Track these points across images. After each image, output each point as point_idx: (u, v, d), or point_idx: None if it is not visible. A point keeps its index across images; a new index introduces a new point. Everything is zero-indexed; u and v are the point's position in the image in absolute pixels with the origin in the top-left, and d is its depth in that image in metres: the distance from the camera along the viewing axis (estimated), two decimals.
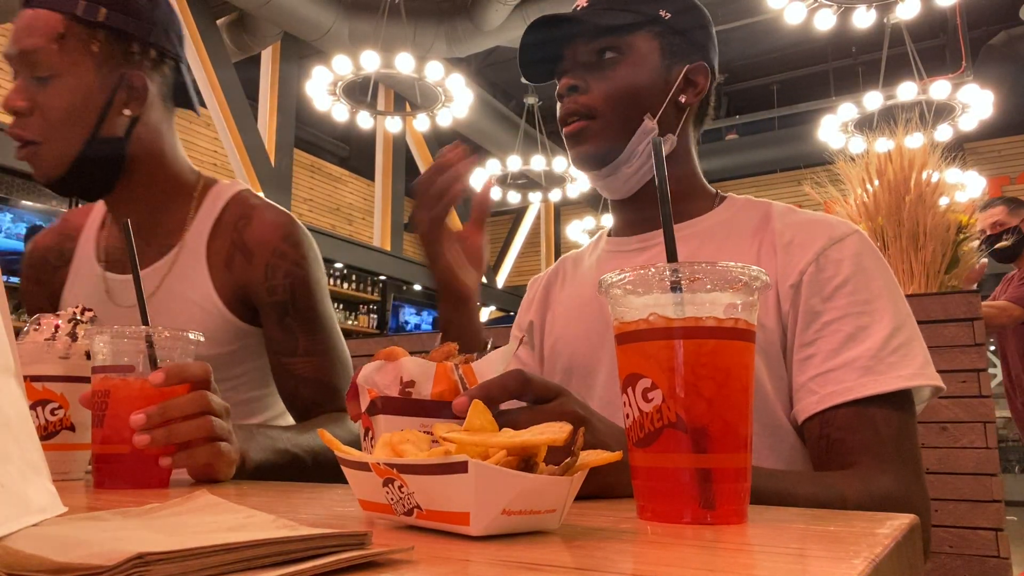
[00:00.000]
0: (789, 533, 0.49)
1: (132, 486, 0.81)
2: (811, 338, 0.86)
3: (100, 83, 1.08)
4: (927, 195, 2.42)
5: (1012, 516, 3.31)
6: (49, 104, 1.05)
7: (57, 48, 1.04)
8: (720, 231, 0.98)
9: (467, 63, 8.48)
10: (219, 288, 1.15)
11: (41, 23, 1.04)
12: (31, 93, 1.05)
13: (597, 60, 0.98)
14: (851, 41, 8.16)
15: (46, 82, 1.05)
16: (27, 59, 1.04)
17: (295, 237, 1.17)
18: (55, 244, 1.28)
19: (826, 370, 0.84)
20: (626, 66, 0.97)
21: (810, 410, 0.84)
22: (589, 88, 0.97)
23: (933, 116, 5.45)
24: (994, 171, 9.25)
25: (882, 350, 0.82)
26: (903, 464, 0.81)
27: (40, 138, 1.06)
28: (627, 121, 0.97)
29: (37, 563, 0.35)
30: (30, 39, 1.04)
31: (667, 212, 0.62)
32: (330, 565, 0.36)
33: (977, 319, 1.61)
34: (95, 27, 1.06)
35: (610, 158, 0.98)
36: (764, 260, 0.92)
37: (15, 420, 0.51)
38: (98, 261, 1.21)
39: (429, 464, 0.46)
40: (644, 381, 0.53)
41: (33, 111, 1.05)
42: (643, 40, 0.98)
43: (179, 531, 0.42)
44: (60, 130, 1.06)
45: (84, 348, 0.95)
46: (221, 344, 1.14)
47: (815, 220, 0.94)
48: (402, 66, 5.41)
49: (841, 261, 0.88)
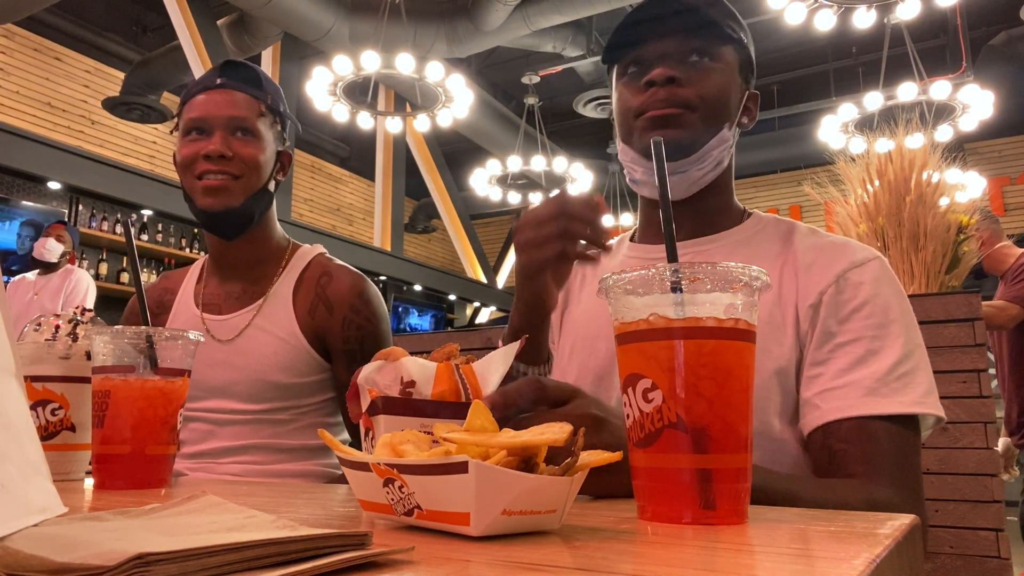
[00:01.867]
0: (789, 533, 0.49)
1: (132, 486, 0.81)
2: (823, 357, 0.87)
3: (273, 150, 1.42)
4: (927, 195, 2.42)
5: (1012, 516, 3.30)
6: (247, 154, 1.36)
7: (257, 120, 1.38)
8: (744, 248, 0.99)
9: (467, 63, 8.48)
10: (303, 329, 1.38)
11: (245, 102, 1.38)
12: (231, 144, 1.35)
13: (697, 59, 0.98)
14: (851, 41, 8.16)
15: (245, 139, 1.36)
16: (233, 123, 1.35)
17: (367, 296, 1.42)
18: (157, 296, 1.52)
19: (831, 387, 0.85)
20: (720, 73, 0.98)
21: (813, 423, 0.85)
22: (689, 83, 0.97)
23: (933, 116, 5.44)
24: (994, 171, 9.25)
25: (888, 375, 0.84)
26: (904, 480, 0.82)
27: (238, 174, 1.35)
28: (713, 125, 0.97)
29: (38, 563, 0.35)
30: (239, 111, 1.36)
31: (667, 212, 0.62)
32: (331, 565, 0.36)
33: (977, 319, 1.61)
34: (275, 112, 1.43)
35: (689, 152, 0.97)
36: (786, 280, 0.93)
37: (16, 420, 0.51)
38: (196, 305, 1.45)
39: (429, 464, 0.46)
40: (644, 381, 0.53)
41: (234, 158, 1.35)
42: (732, 56, 1.00)
43: (179, 531, 0.42)
44: (253, 171, 1.37)
45: (84, 348, 0.95)
46: (303, 375, 1.37)
47: (837, 244, 0.95)
48: (402, 66, 5.40)
49: (860, 284, 0.89)
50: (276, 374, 1.35)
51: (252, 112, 1.37)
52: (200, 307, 1.45)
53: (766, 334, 0.87)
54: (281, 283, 1.42)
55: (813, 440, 0.86)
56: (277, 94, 1.44)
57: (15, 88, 7.08)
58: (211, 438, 1.35)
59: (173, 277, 1.55)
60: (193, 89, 1.39)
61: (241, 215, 1.37)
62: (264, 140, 1.38)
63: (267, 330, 1.38)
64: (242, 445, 1.34)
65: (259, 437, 1.34)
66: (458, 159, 10.51)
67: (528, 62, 9.03)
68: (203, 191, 1.34)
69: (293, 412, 1.37)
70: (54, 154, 5.73)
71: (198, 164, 1.33)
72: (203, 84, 1.38)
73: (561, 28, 7.57)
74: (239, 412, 1.35)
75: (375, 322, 1.40)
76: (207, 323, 1.42)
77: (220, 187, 1.33)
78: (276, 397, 1.35)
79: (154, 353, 0.82)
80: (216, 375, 1.36)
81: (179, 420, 0.87)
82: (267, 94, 1.41)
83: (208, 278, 1.48)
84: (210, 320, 1.42)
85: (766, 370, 0.88)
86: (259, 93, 1.39)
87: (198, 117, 1.34)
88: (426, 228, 11.49)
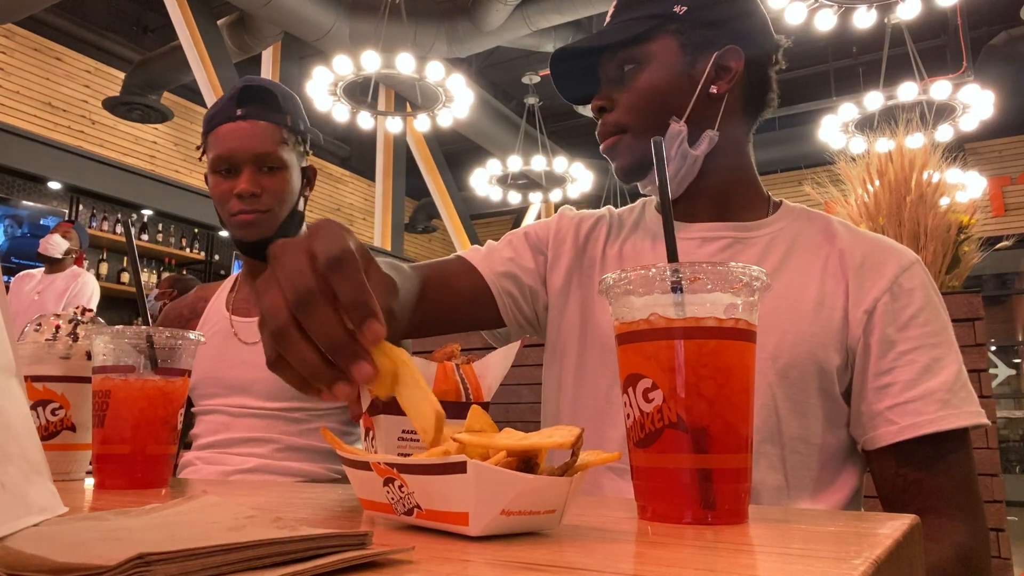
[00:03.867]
0: (790, 533, 0.49)
1: (132, 486, 0.81)
2: (888, 367, 0.87)
3: (298, 172, 1.47)
4: (928, 195, 2.41)
5: (1012, 516, 3.30)
6: (276, 188, 1.42)
7: (280, 149, 1.43)
8: (780, 242, 0.96)
9: (468, 63, 8.48)
10: None
11: (268, 133, 1.42)
12: (260, 182, 1.41)
13: (620, 75, 0.98)
14: (852, 41, 8.16)
15: (272, 174, 1.41)
16: (259, 159, 1.41)
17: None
18: (190, 304, 1.60)
19: (905, 400, 0.85)
20: (646, 74, 0.96)
21: (887, 439, 0.85)
22: (616, 104, 0.97)
23: (934, 116, 5.44)
24: (995, 171, 9.24)
25: (955, 384, 0.85)
26: (974, 510, 0.85)
27: (268, 208, 1.41)
28: (655, 129, 0.95)
29: (38, 563, 0.35)
30: (262, 145, 1.40)
31: (668, 212, 0.62)
32: (331, 565, 0.36)
33: (978, 319, 1.61)
34: (295, 132, 1.46)
35: (646, 167, 0.97)
36: (830, 278, 0.91)
37: (16, 420, 0.51)
38: (227, 309, 1.52)
39: (428, 464, 0.46)
40: (645, 381, 0.53)
41: (263, 194, 1.41)
42: (661, 43, 0.96)
43: (180, 531, 0.42)
44: (283, 204, 1.43)
45: (85, 348, 0.95)
46: None
47: (880, 243, 0.95)
48: (403, 66, 5.40)
49: (913, 291, 0.89)
50: None
51: (275, 142, 1.42)
52: (230, 310, 1.52)
53: (813, 334, 0.87)
54: None
55: (884, 457, 0.86)
56: (296, 110, 1.48)
57: (15, 88, 7.08)
58: (225, 430, 1.41)
59: (209, 288, 1.64)
60: (215, 119, 1.43)
61: (274, 240, 1.39)
62: (290, 167, 1.44)
63: None
64: (254, 438, 1.39)
65: (272, 432, 1.39)
66: (458, 159, 10.51)
67: (528, 62, 9.03)
68: (237, 226, 1.42)
69: (307, 412, 1.41)
70: (54, 154, 5.74)
71: (231, 203, 1.41)
72: (225, 115, 1.42)
73: (561, 28, 7.57)
74: (256, 408, 1.40)
75: None
76: (235, 324, 1.48)
77: (253, 222, 1.41)
78: (293, 396, 1.39)
79: (154, 353, 0.82)
80: (239, 374, 1.42)
81: (179, 420, 0.87)
82: (286, 115, 1.44)
83: (241, 285, 1.56)
84: (238, 322, 1.49)
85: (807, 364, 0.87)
86: (279, 117, 1.43)
87: (225, 156, 1.40)
88: (426, 228, 11.49)
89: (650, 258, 1.00)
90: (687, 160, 0.96)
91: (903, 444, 0.84)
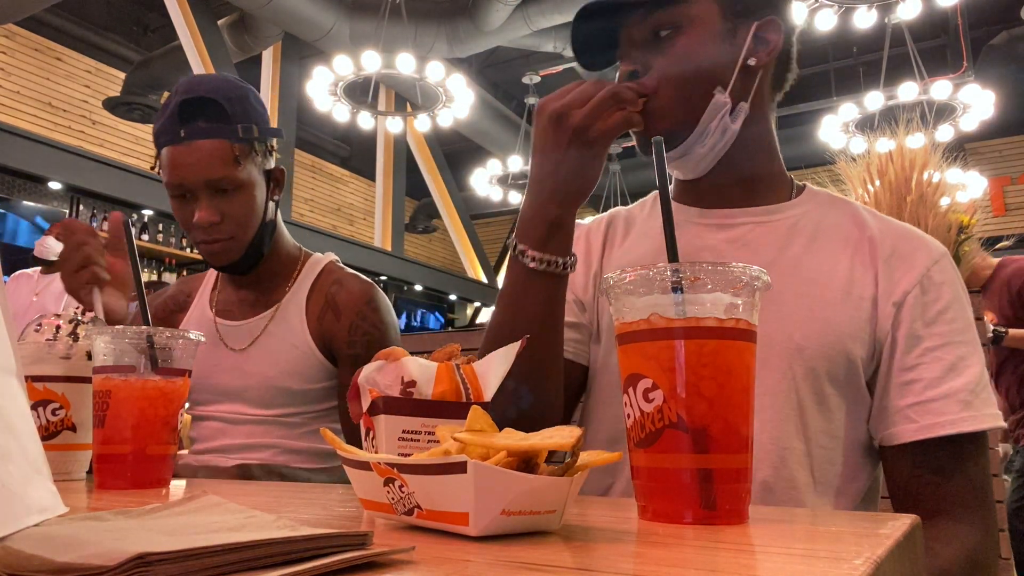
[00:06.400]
0: (790, 533, 0.49)
1: (133, 486, 0.81)
2: (913, 363, 0.85)
3: (261, 181, 1.37)
4: (928, 195, 2.42)
5: None
6: (236, 212, 1.32)
7: (234, 168, 1.30)
8: (805, 227, 0.93)
9: (468, 63, 8.47)
10: (313, 335, 1.39)
11: (216, 154, 1.29)
12: (218, 207, 1.30)
13: (653, 39, 0.89)
14: (852, 41, 8.15)
15: (230, 197, 1.31)
16: (211, 185, 1.29)
17: (375, 303, 1.42)
18: (176, 294, 1.56)
19: (927, 399, 0.83)
20: (685, 39, 0.88)
21: (905, 437, 0.84)
22: (650, 70, 0.88)
23: (934, 116, 5.44)
24: (995, 171, 9.24)
25: (978, 385, 0.84)
26: (986, 514, 0.84)
27: (230, 236, 1.33)
28: (694, 98, 0.88)
29: (38, 563, 0.35)
30: (212, 170, 1.28)
31: (668, 212, 0.62)
32: (331, 565, 0.36)
33: (978, 319, 1.61)
34: (248, 141, 1.33)
35: (677, 141, 0.89)
36: (859, 266, 0.89)
37: (16, 420, 0.51)
38: (211, 310, 1.47)
39: (428, 464, 0.46)
40: (645, 381, 0.53)
41: (223, 221, 1.31)
42: (701, 6, 0.89)
43: (180, 531, 0.42)
44: (246, 227, 1.34)
45: (85, 348, 0.95)
46: (313, 381, 1.39)
47: (909, 232, 0.92)
48: (403, 66, 5.40)
49: (942, 285, 0.87)
50: (287, 380, 1.37)
51: (226, 163, 1.29)
52: (214, 311, 1.47)
53: (841, 322, 0.85)
54: (294, 292, 1.44)
55: (901, 455, 0.85)
56: (247, 114, 1.33)
57: (15, 88, 7.08)
58: (222, 436, 1.39)
59: (191, 282, 1.58)
60: (160, 138, 1.31)
61: (246, 260, 1.38)
62: (249, 183, 1.33)
63: (280, 337, 1.40)
64: (253, 443, 1.37)
65: (270, 437, 1.38)
66: (458, 159, 10.50)
67: (528, 62, 9.02)
68: (204, 253, 1.36)
69: (304, 416, 1.40)
70: (55, 154, 5.73)
71: (193, 231, 1.33)
72: (168, 135, 1.29)
73: (562, 28, 7.56)
74: (252, 414, 1.39)
75: (382, 329, 1.41)
76: (220, 328, 1.44)
77: (219, 251, 1.34)
78: (287, 403, 1.38)
79: (154, 353, 0.83)
80: (228, 380, 1.39)
81: (180, 420, 0.87)
82: (235, 125, 1.30)
83: (223, 285, 1.51)
84: (223, 325, 1.45)
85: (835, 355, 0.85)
86: (227, 131, 1.29)
87: (176, 183, 1.29)
88: (427, 228, 11.48)
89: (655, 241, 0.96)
90: (726, 135, 0.90)
91: (921, 443, 0.83)
